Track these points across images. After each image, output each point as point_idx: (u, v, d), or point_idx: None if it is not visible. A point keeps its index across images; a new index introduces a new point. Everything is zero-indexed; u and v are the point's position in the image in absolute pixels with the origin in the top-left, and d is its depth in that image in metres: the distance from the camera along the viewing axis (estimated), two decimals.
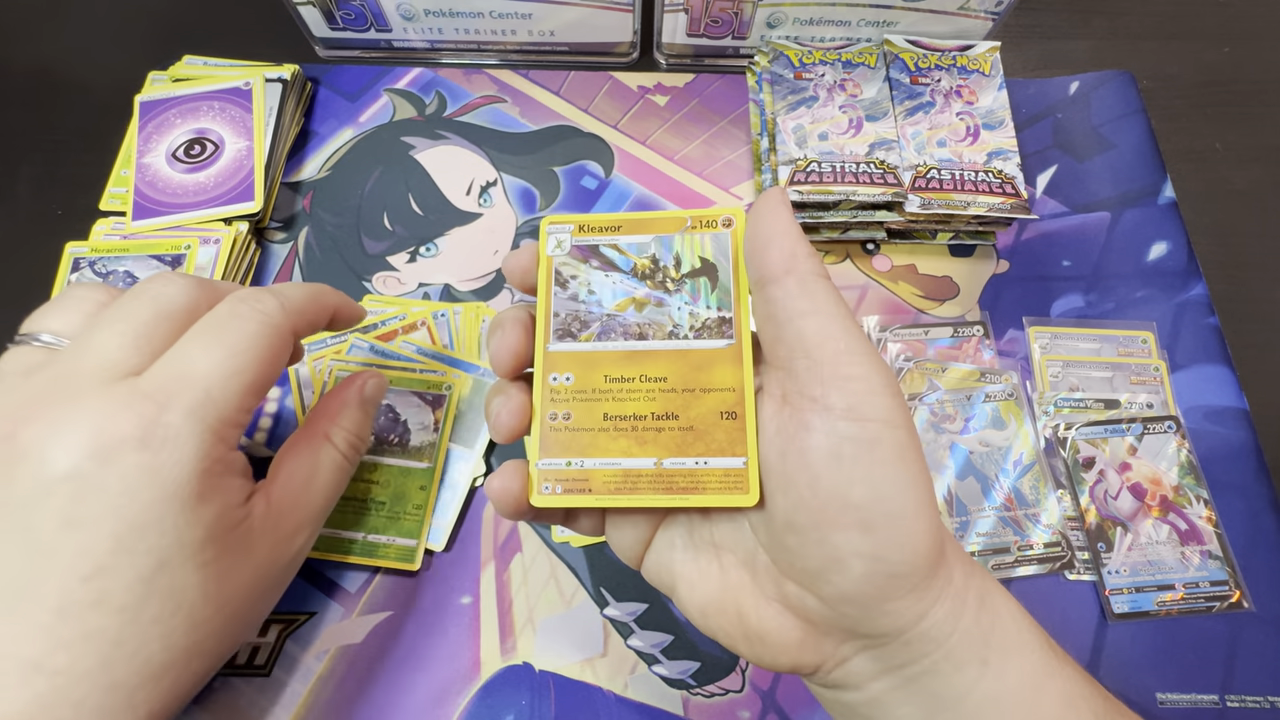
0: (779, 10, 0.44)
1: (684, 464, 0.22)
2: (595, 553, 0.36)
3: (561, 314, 0.24)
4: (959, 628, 0.19)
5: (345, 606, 0.34)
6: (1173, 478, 0.37)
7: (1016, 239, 0.43)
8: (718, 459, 0.22)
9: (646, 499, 0.22)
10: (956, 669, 0.19)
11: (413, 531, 0.35)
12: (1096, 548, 0.36)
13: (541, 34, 0.46)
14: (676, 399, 0.23)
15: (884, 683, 0.20)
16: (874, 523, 0.19)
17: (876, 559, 0.19)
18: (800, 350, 0.20)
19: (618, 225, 0.25)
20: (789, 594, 0.21)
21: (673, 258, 0.24)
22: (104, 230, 0.41)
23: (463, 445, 0.37)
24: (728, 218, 0.24)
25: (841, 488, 0.19)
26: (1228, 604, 0.35)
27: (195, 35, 0.48)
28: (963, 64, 0.44)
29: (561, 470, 0.23)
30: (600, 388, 0.23)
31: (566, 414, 0.23)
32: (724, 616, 0.22)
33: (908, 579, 0.19)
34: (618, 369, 0.23)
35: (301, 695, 0.33)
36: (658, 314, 0.24)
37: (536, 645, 0.34)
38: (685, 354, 0.23)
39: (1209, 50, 0.51)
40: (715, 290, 0.24)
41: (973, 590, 0.20)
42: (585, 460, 0.23)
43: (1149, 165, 0.45)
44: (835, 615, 0.20)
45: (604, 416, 0.23)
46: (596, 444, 0.23)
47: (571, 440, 0.23)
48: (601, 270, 0.24)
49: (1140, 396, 0.39)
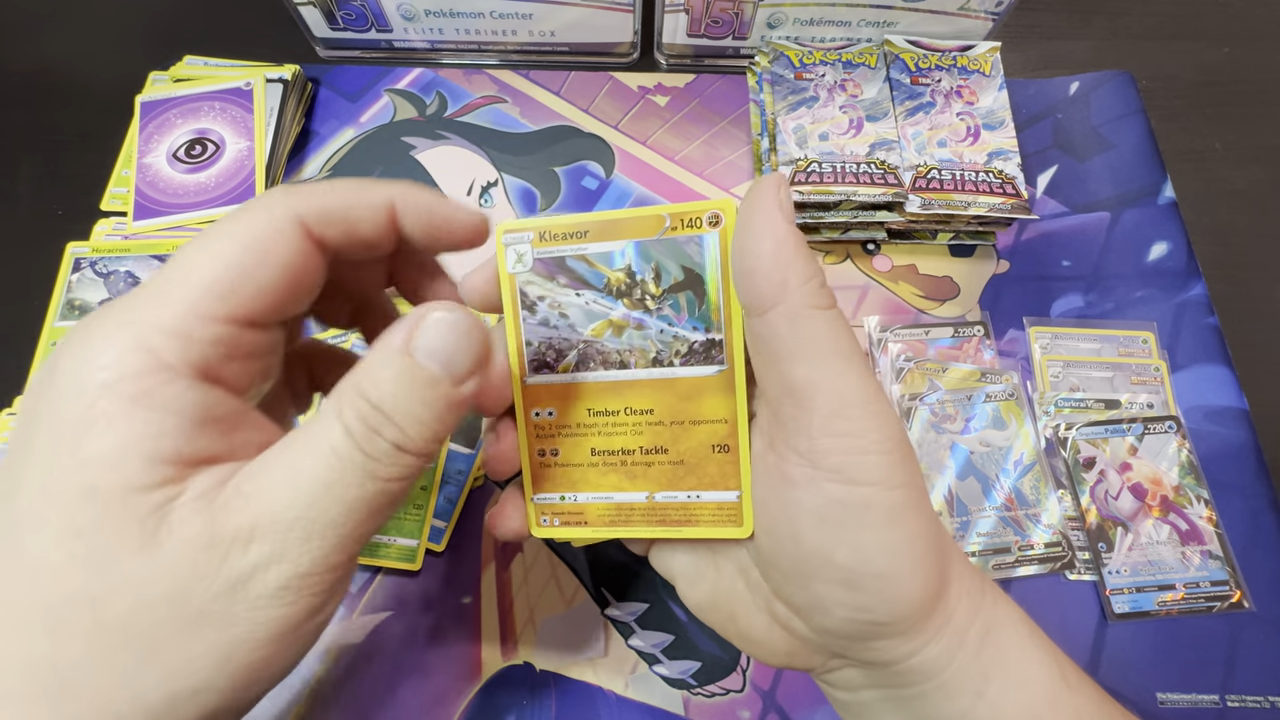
0: (779, 10, 0.44)
1: (676, 497, 0.21)
2: (596, 553, 0.36)
3: (534, 343, 0.22)
4: (954, 662, 0.19)
5: (345, 606, 0.34)
6: (1173, 478, 0.37)
7: (1017, 239, 0.43)
8: (710, 492, 0.21)
9: (641, 530, 0.22)
10: (948, 698, 0.19)
11: (413, 531, 0.35)
12: (1097, 548, 0.36)
13: (542, 34, 0.46)
14: (665, 432, 0.21)
15: (874, 694, 0.20)
16: (858, 583, 0.18)
17: (860, 610, 0.18)
18: (788, 397, 0.18)
19: (584, 230, 0.21)
20: (778, 612, 0.21)
21: (650, 270, 0.21)
22: (105, 230, 0.41)
23: (463, 445, 0.37)
24: (714, 214, 0.20)
25: (825, 548, 0.18)
26: (1228, 604, 0.35)
27: (196, 35, 0.48)
28: (963, 64, 0.44)
29: (556, 504, 0.23)
30: (585, 422, 0.22)
31: (554, 450, 0.22)
32: (718, 615, 0.22)
33: (894, 627, 0.18)
34: (600, 401, 0.22)
35: (302, 695, 0.33)
36: (638, 338, 0.21)
37: (537, 645, 0.34)
38: (671, 383, 0.21)
39: (1209, 50, 0.51)
40: (702, 307, 0.20)
41: (976, 626, 0.19)
42: (578, 495, 0.22)
43: (1149, 165, 0.45)
44: (821, 641, 0.20)
45: (591, 451, 0.22)
46: (587, 479, 0.22)
47: (562, 475, 0.22)
48: (571, 288, 0.21)
49: (1140, 396, 0.39)
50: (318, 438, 0.16)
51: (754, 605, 0.21)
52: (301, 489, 0.16)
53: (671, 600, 0.35)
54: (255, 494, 0.16)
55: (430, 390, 0.17)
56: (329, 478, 0.16)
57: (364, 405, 0.16)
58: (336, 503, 0.16)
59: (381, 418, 0.16)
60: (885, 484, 0.17)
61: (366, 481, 0.16)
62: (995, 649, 0.19)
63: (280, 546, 0.16)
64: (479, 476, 0.37)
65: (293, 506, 0.16)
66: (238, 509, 0.16)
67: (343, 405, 0.17)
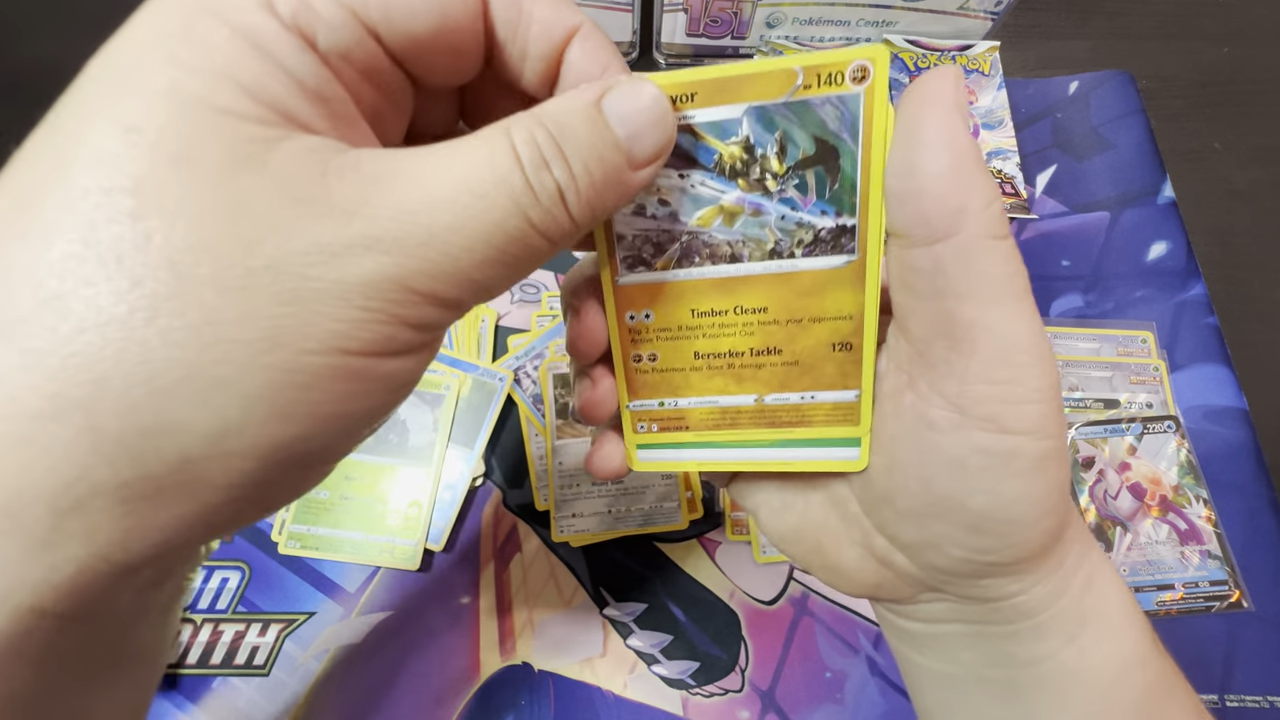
0: (778, 10, 0.44)
1: (788, 399, 0.20)
2: (595, 553, 0.36)
3: (627, 236, 0.19)
4: (1057, 604, 0.18)
5: (345, 606, 0.34)
6: (1172, 477, 0.37)
7: (1016, 239, 0.43)
8: (827, 393, 0.19)
9: (747, 434, 0.20)
10: (1040, 638, 0.18)
11: (413, 531, 0.35)
12: None
13: None
14: (780, 331, 0.19)
15: (959, 628, 0.20)
16: (986, 528, 0.17)
17: (981, 551, 0.17)
18: (943, 337, 0.16)
19: (690, 93, 0.16)
20: (877, 546, 0.20)
21: (774, 142, 0.17)
22: None
23: (462, 445, 0.37)
24: (859, 67, 0.15)
25: (959, 495, 0.17)
26: (1227, 604, 0.35)
27: None
28: (962, 64, 0.44)
29: (655, 410, 0.21)
30: (688, 324, 0.19)
31: (652, 355, 0.20)
32: (802, 545, 0.21)
33: (1012, 567, 0.17)
34: (706, 301, 0.19)
35: (301, 695, 0.33)
36: (754, 227, 0.18)
37: (536, 645, 0.34)
38: (790, 277, 0.18)
39: (1209, 50, 0.51)
40: (834, 186, 0.17)
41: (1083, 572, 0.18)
42: (679, 400, 0.20)
43: (1148, 165, 0.45)
44: (924, 576, 0.19)
45: (695, 355, 0.20)
46: (689, 383, 0.20)
47: (662, 381, 0.20)
48: (673, 168, 0.18)
49: (1140, 396, 0.39)
50: (473, 148, 0.13)
51: (846, 537, 0.20)
52: (439, 189, 0.13)
53: (670, 600, 0.35)
54: (380, 176, 0.13)
55: (612, 154, 0.14)
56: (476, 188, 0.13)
57: (543, 133, 0.14)
58: (473, 219, 0.13)
59: (556, 152, 0.14)
60: (1038, 434, 0.16)
61: (513, 215, 0.13)
62: (1097, 598, 0.18)
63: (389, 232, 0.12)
64: (478, 476, 0.37)
65: (421, 201, 0.13)
66: (353, 181, 0.12)
67: (515, 126, 0.14)
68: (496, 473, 0.37)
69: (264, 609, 0.34)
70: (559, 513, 0.36)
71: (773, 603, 0.35)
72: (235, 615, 0.34)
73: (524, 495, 0.37)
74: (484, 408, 0.38)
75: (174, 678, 0.33)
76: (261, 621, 0.34)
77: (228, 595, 0.34)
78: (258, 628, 0.34)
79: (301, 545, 0.35)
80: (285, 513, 0.35)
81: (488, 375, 0.38)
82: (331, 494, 0.35)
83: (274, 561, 0.35)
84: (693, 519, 0.36)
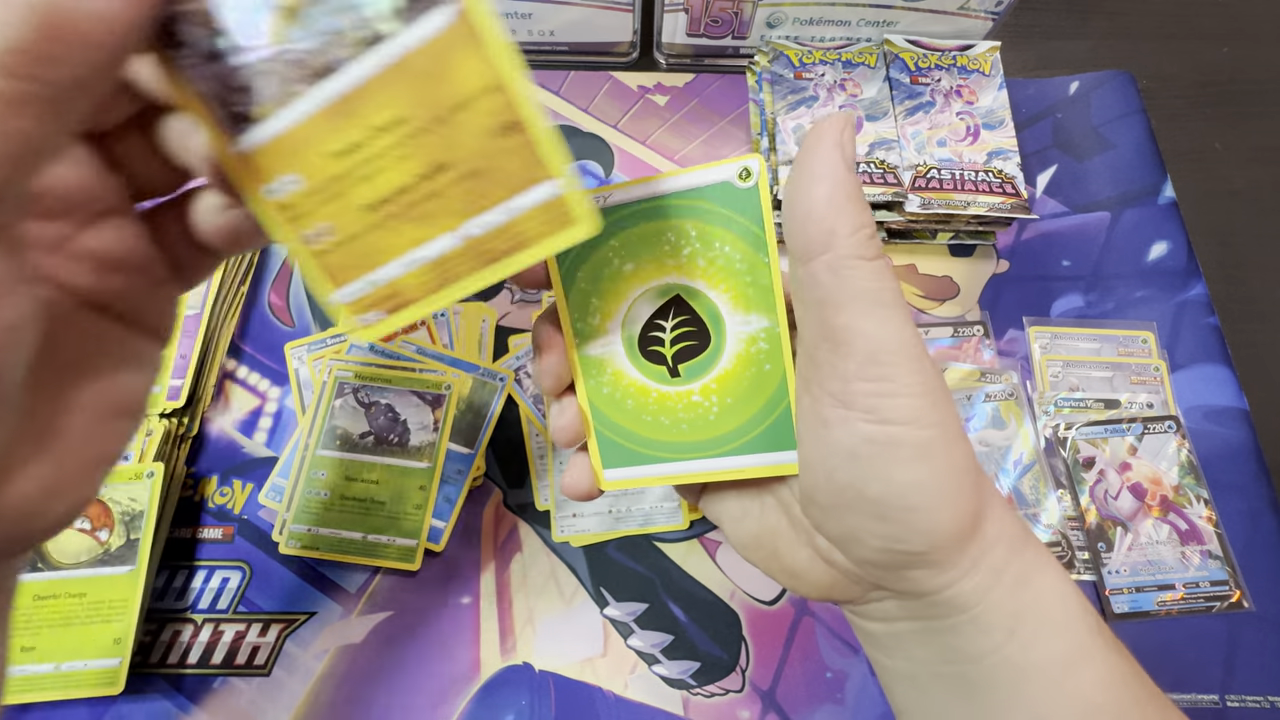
0: (779, 10, 0.44)
1: (490, 221, 0.17)
2: (595, 553, 0.36)
3: (205, 90, 0.16)
4: (987, 598, 0.19)
5: (345, 606, 0.34)
6: (1173, 477, 0.37)
7: (1016, 239, 0.43)
8: (522, 195, 0.17)
9: (472, 280, 0.18)
10: (981, 632, 0.19)
11: (413, 531, 0.35)
12: (1096, 547, 0.36)
13: (541, 33, 0.46)
14: (434, 140, 0.16)
15: (908, 625, 0.21)
16: (889, 515, 0.19)
17: (893, 540, 0.19)
18: (825, 341, 0.18)
19: None
20: (819, 546, 0.22)
21: None
22: None
23: (462, 445, 0.37)
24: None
25: (857, 483, 0.19)
26: (1228, 604, 0.35)
27: None
28: (963, 64, 0.44)
29: (368, 295, 0.19)
30: (334, 172, 0.17)
31: (323, 227, 0.18)
32: (762, 552, 0.23)
33: (927, 557, 0.19)
34: (336, 137, 0.16)
35: (301, 695, 0.33)
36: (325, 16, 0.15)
37: (536, 645, 0.34)
38: (405, 66, 0.15)
39: (1209, 50, 0.51)
40: None
41: (1013, 569, 0.19)
42: (382, 270, 0.18)
43: (1149, 165, 0.45)
44: (860, 571, 0.21)
45: (364, 209, 0.17)
46: (380, 246, 0.18)
47: (351, 256, 0.18)
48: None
49: (1140, 396, 0.39)
50: None
51: (796, 540, 0.22)
52: None
53: (671, 600, 0.35)
54: None
55: None
56: None
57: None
58: None
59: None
60: (917, 424, 0.18)
61: None
62: (1032, 595, 0.20)
63: None
64: (478, 476, 0.37)
65: None
66: None
67: None
68: (496, 473, 0.37)
69: (265, 609, 0.34)
70: (559, 512, 0.36)
71: (773, 603, 0.35)
72: (236, 615, 0.34)
73: (524, 495, 0.37)
74: (484, 408, 0.38)
75: (176, 678, 0.33)
76: (262, 622, 0.34)
77: (228, 595, 0.34)
78: (258, 628, 0.34)
79: (302, 545, 0.35)
80: (286, 513, 0.35)
81: (488, 375, 0.38)
82: (332, 494, 0.35)
83: (275, 562, 0.35)
84: (693, 519, 0.36)
